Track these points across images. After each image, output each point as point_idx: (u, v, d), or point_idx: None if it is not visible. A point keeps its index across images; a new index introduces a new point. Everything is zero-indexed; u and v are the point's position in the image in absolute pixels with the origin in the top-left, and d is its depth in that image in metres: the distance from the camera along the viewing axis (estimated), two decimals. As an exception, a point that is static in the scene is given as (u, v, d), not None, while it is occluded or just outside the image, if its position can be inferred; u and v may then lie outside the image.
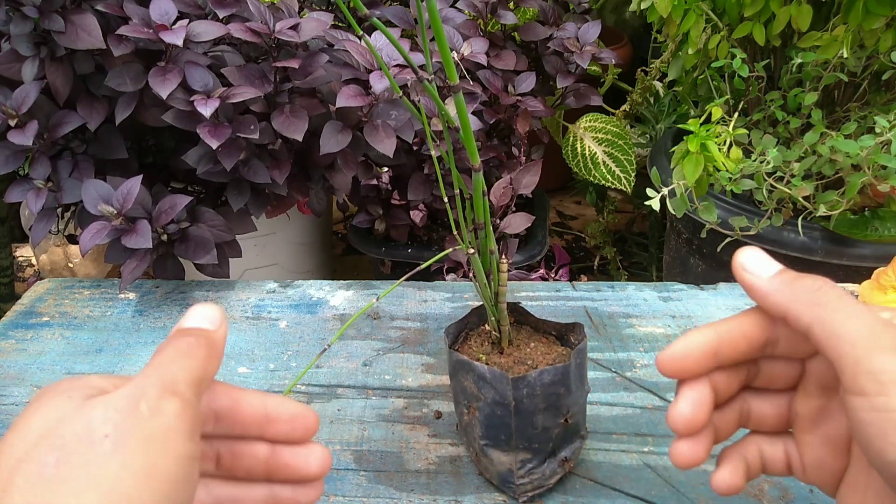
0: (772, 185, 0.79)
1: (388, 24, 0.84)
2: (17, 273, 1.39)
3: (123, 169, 0.72)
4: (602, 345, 0.59)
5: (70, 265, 1.28)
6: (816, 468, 0.31)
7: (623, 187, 1.10)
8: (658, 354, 0.31)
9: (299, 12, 0.76)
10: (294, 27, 0.68)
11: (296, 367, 0.57)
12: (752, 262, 0.30)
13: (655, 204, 0.78)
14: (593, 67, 1.34)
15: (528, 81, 0.91)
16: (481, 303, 0.45)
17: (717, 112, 0.78)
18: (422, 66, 0.72)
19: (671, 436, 0.31)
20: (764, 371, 0.33)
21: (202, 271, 0.68)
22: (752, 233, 0.83)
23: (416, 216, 0.98)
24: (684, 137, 0.77)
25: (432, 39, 0.79)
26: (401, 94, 0.36)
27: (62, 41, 0.63)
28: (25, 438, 0.22)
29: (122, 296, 0.68)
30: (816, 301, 0.28)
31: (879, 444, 0.26)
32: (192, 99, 0.64)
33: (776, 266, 0.30)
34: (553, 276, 1.05)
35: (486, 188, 0.38)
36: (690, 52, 0.91)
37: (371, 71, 0.71)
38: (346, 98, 0.68)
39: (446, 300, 0.66)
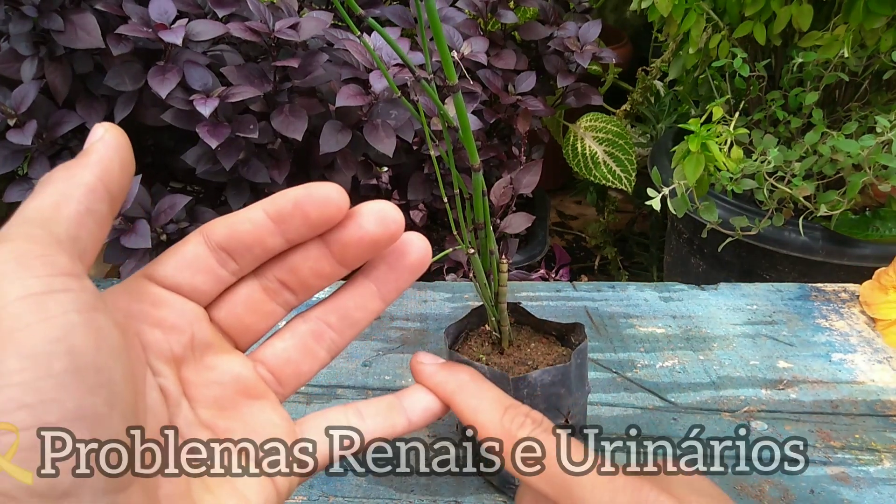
0: (773, 185, 0.79)
1: (388, 23, 0.84)
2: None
3: (123, 168, 0.72)
4: (603, 345, 0.59)
5: (70, 265, 1.28)
6: None
7: (624, 187, 1.10)
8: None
9: (299, 11, 0.76)
10: (293, 26, 0.68)
11: (295, 368, 0.57)
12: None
13: (656, 204, 0.78)
14: (594, 67, 1.34)
15: (528, 81, 0.91)
16: (481, 303, 0.45)
17: (717, 112, 0.78)
18: (421, 66, 0.72)
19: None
20: None
21: (201, 271, 0.68)
22: (752, 233, 0.83)
23: (416, 216, 0.98)
24: (685, 137, 0.76)
25: (432, 39, 0.79)
26: (399, 94, 0.36)
27: (61, 40, 0.63)
28: None
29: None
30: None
31: None
32: (191, 98, 0.63)
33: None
34: (553, 276, 1.05)
35: (486, 188, 0.38)
36: (691, 51, 0.91)
37: (371, 70, 0.71)
38: (346, 97, 0.68)
39: (446, 300, 0.66)
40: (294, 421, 0.27)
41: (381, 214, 0.25)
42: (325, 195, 0.24)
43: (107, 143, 0.22)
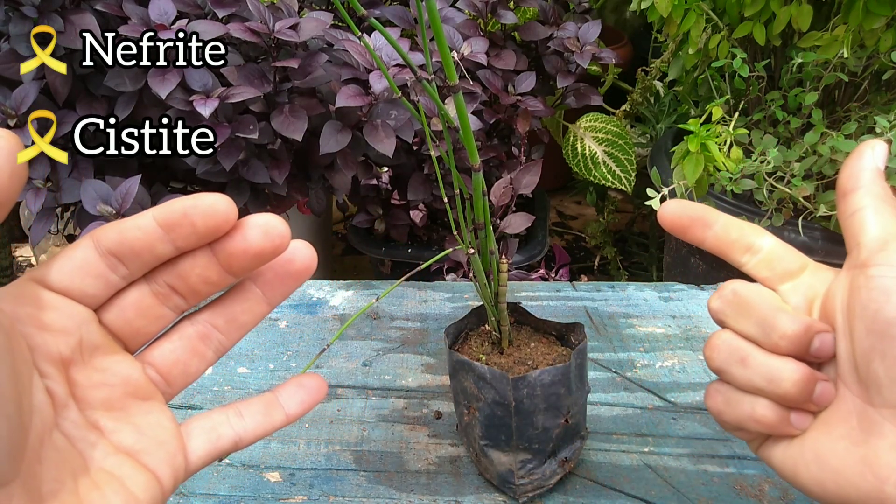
0: (772, 185, 0.79)
1: (388, 23, 0.84)
2: (16, 273, 1.39)
3: (122, 169, 0.72)
4: (602, 345, 0.59)
5: (70, 265, 1.28)
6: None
7: (623, 187, 1.10)
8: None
9: (299, 12, 0.76)
10: (293, 27, 0.68)
11: (296, 368, 0.57)
12: (880, 156, 0.31)
13: (656, 204, 0.78)
14: (593, 67, 1.34)
15: (528, 81, 0.91)
16: (481, 303, 0.45)
17: (717, 112, 0.78)
18: (422, 66, 0.72)
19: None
20: None
21: (202, 271, 0.68)
22: (752, 233, 0.83)
23: (416, 216, 0.98)
24: (685, 137, 0.77)
25: (432, 39, 0.79)
26: (399, 94, 0.36)
27: (61, 41, 0.63)
28: None
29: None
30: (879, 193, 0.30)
31: (879, 303, 0.27)
32: (191, 99, 0.64)
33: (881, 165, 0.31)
34: (553, 276, 1.05)
35: (486, 188, 0.38)
36: (691, 51, 0.91)
37: (371, 71, 0.71)
38: (346, 98, 0.68)
39: (446, 300, 0.66)
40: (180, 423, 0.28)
41: (266, 228, 0.26)
42: (212, 206, 0.25)
43: None
